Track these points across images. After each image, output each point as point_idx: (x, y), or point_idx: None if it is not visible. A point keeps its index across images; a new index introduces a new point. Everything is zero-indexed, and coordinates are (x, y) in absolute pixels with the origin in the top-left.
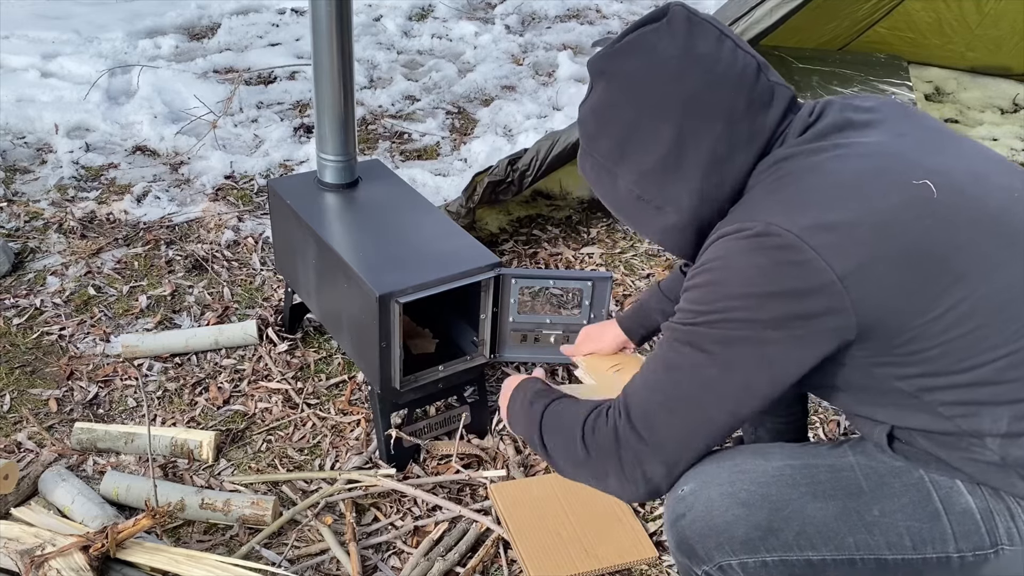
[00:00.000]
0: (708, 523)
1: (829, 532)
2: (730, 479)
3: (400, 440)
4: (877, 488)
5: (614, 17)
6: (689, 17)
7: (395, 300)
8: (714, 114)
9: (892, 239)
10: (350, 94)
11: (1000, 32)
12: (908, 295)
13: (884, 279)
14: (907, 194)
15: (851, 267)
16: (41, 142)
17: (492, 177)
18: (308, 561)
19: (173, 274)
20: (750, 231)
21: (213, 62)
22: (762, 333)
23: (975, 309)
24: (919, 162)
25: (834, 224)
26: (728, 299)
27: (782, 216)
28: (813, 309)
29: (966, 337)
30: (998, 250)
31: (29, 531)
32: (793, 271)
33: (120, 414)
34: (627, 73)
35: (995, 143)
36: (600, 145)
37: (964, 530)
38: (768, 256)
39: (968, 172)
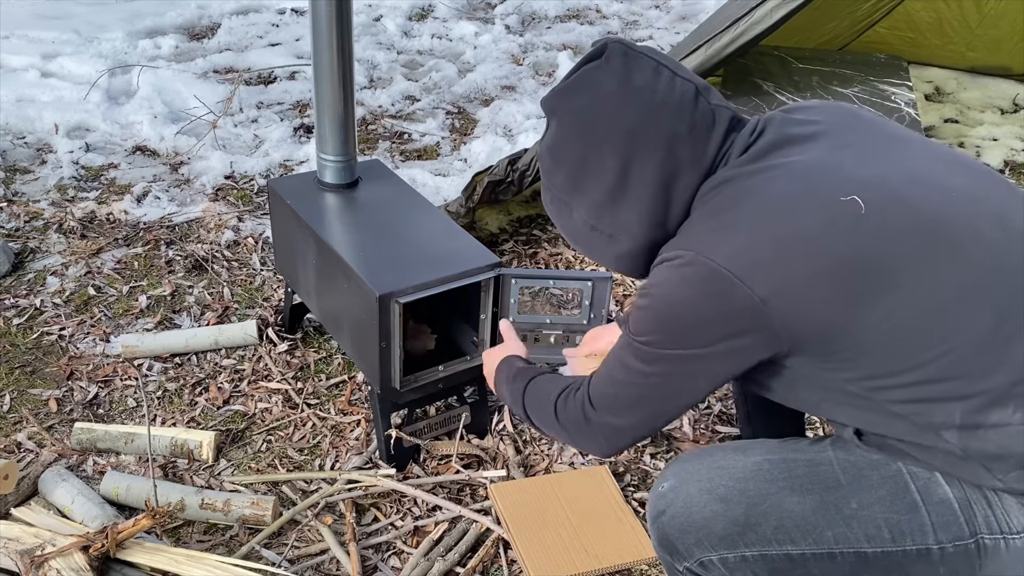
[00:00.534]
0: (687, 519)
1: (807, 526)
2: (709, 475)
3: (400, 440)
4: (855, 481)
5: (614, 17)
6: (625, 52)
7: (395, 300)
8: (655, 142)
9: (816, 258)
10: (350, 94)
11: (1000, 32)
12: (837, 307)
13: (809, 295)
14: (834, 212)
15: (773, 289)
16: (41, 142)
17: (492, 177)
18: (308, 561)
19: (173, 274)
20: (681, 260)
21: (213, 62)
22: (695, 351)
23: (910, 313)
24: (852, 175)
25: (758, 248)
26: (664, 326)
27: (710, 245)
28: (739, 330)
29: (905, 340)
30: (931, 253)
31: (29, 531)
32: (718, 298)
33: (120, 414)
34: (573, 110)
35: (995, 143)
36: (556, 180)
37: (943, 521)
38: (695, 287)
39: (907, 178)
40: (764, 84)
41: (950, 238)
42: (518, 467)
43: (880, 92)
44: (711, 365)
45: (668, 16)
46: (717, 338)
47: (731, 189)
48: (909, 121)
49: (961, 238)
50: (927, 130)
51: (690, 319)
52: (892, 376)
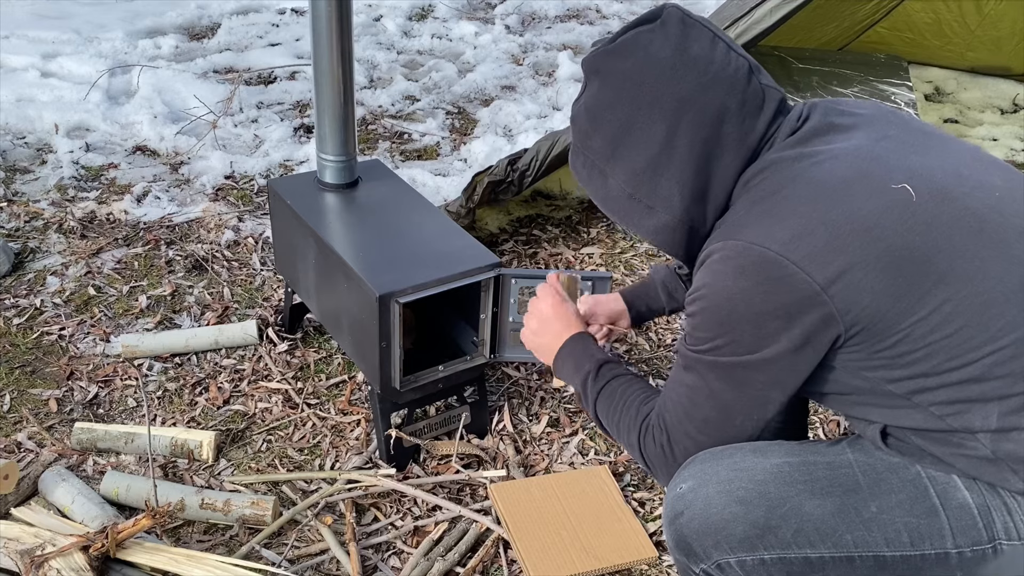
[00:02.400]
0: (706, 521)
1: (827, 529)
2: (728, 477)
3: (400, 440)
4: (875, 484)
5: (614, 17)
6: (683, 19)
7: (395, 300)
8: (706, 115)
9: (872, 244)
10: (350, 94)
11: (1000, 33)
12: (891, 298)
13: (866, 284)
14: (886, 198)
15: (832, 275)
16: (41, 142)
17: (492, 177)
18: (308, 561)
19: (173, 274)
20: (731, 252)
21: (213, 62)
22: (761, 353)
23: (959, 309)
24: (900, 164)
25: (812, 234)
26: (726, 326)
27: (762, 232)
28: (802, 320)
29: (952, 337)
30: (980, 249)
31: (29, 531)
32: (776, 287)
33: (120, 414)
34: (621, 72)
35: (995, 143)
36: (593, 143)
37: (961, 525)
38: (751, 278)
39: (951, 172)
40: None
41: (998, 235)
42: (518, 467)
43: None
44: (786, 363)
45: None
46: (778, 331)
47: (778, 173)
48: None
49: (1007, 236)
50: None
51: (751, 313)
52: (937, 375)
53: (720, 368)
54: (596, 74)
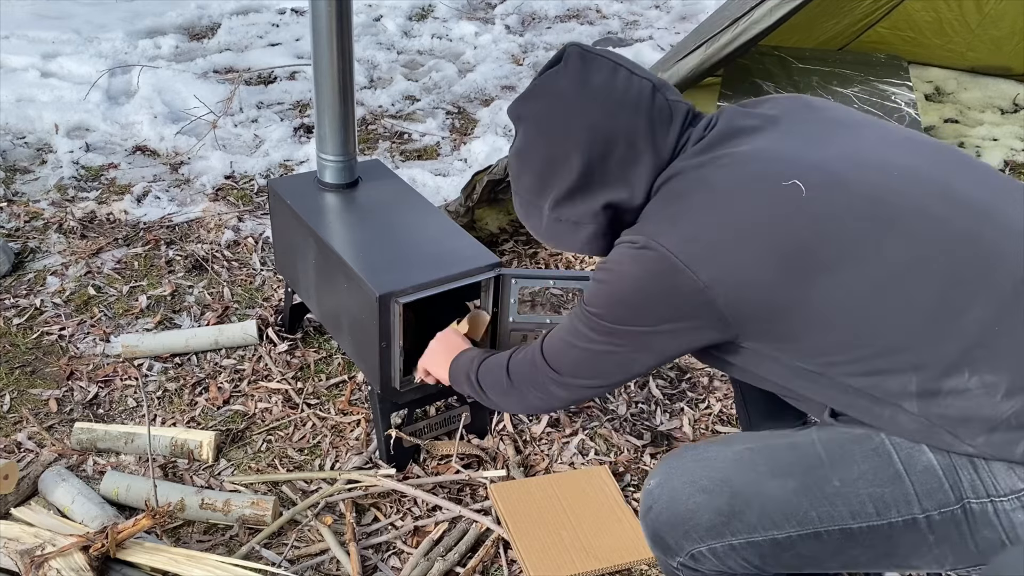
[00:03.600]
0: (673, 512)
1: (790, 509)
2: (691, 468)
3: (400, 440)
4: (836, 459)
5: (614, 17)
6: (582, 55)
7: (395, 300)
8: (615, 138)
9: (758, 242)
10: (350, 94)
11: (1000, 32)
12: (780, 290)
13: (752, 280)
14: (775, 197)
15: (716, 274)
16: (41, 142)
17: (491, 176)
18: (308, 561)
19: (173, 274)
20: (636, 244)
21: (213, 62)
22: (641, 329)
23: (854, 291)
24: (795, 159)
25: (702, 235)
26: (615, 302)
27: (661, 231)
28: (683, 312)
29: (851, 316)
30: (874, 231)
31: (29, 531)
32: (664, 281)
33: (120, 414)
34: (536, 114)
35: (995, 143)
36: (524, 182)
37: (927, 488)
38: (644, 269)
39: (850, 160)
40: (764, 84)
41: (890, 215)
42: (518, 467)
43: (880, 92)
44: (656, 342)
45: (668, 16)
46: (661, 319)
47: (683, 179)
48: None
49: (902, 214)
50: (927, 130)
51: (637, 299)
52: (840, 353)
53: (599, 329)
54: (518, 120)
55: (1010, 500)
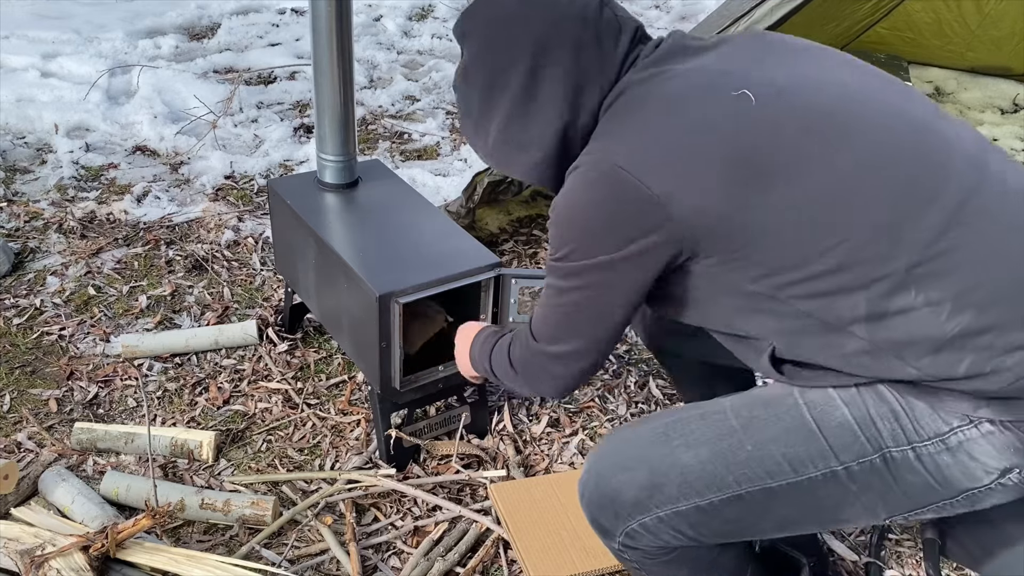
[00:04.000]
0: (602, 495)
1: (707, 476)
2: (613, 449)
3: (400, 440)
4: (747, 425)
5: None
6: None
7: (395, 300)
8: (562, 50)
9: (708, 152)
10: (350, 94)
11: (1000, 32)
12: (731, 200)
13: (703, 189)
14: (724, 107)
15: (668, 184)
16: (41, 142)
17: (492, 177)
18: (308, 561)
19: (173, 274)
20: (585, 166)
21: (213, 62)
22: (603, 259)
23: (804, 202)
24: (744, 74)
25: (651, 147)
26: (572, 234)
27: (610, 147)
28: (642, 229)
29: (802, 229)
30: (822, 144)
31: (29, 531)
32: (618, 197)
33: (120, 414)
34: (479, 28)
35: (995, 143)
36: (471, 104)
37: (842, 443)
38: (597, 189)
39: (798, 76)
40: None
41: (840, 129)
42: (518, 467)
43: None
44: (625, 271)
45: (668, 16)
46: (623, 240)
47: (631, 94)
48: None
49: (852, 128)
50: None
51: (595, 222)
52: (793, 270)
53: (565, 272)
54: (463, 38)
55: (934, 444)
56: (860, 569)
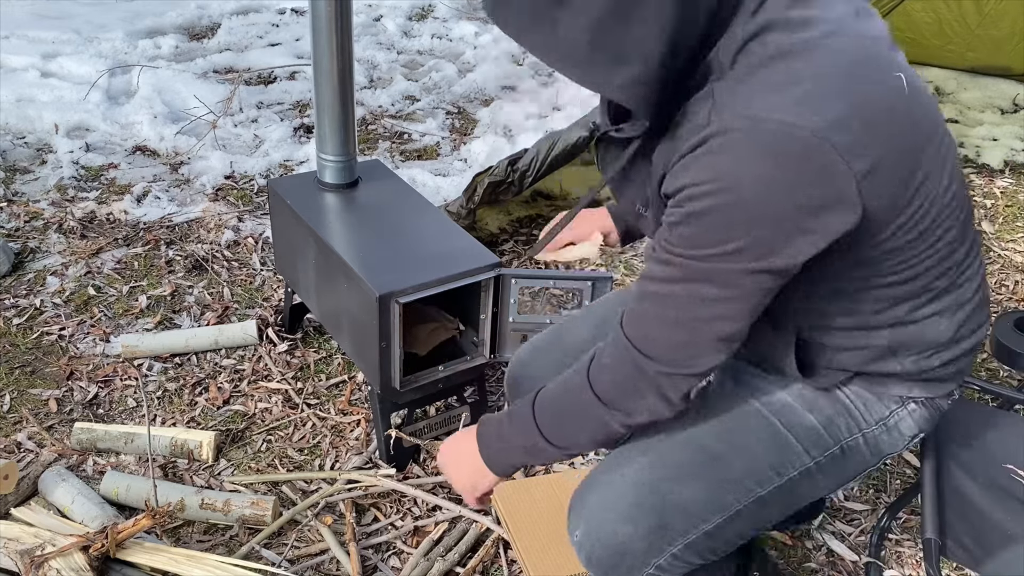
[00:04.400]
0: (610, 553)
1: (710, 503)
2: (604, 504)
3: (400, 440)
4: (729, 446)
5: None
6: None
7: (395, 300)
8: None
9: (891, 135)
10: (350, 94)
11: (1000, 33)
12: (895, 196)
13: (886, 178)
14: (892, 87)
15: (867, 167)
16: (41, 142)
17: (492, 177)
18: (308, 561)
19: (173, 274)
20: (754, 133)
21: (213, 62)
22: (780, 256)
23: (927, 211)
24: (882, 48)
25: (850, 118)
26: (741, 227)
27: (789, 108)
28: (832, 217)
29: (915, 238)
30: (934, 153)
31: (29, 531)
32: (815, 179)
33: (120, 414)
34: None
35: (995, 143)
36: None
37: (811, 441)
38: (785, 166)
39: (904, 66)
40: None
41: (937, 140)
42: None
43: None
44: (778, 269)
45: None
46: (811, 229)
47: (781, 40)
48: None
49: (936, 133)
50: None
51: (780, 208)
52: (887, 275)
53: (724, 274)
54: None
55: (878, 427)
56: (860, 569)
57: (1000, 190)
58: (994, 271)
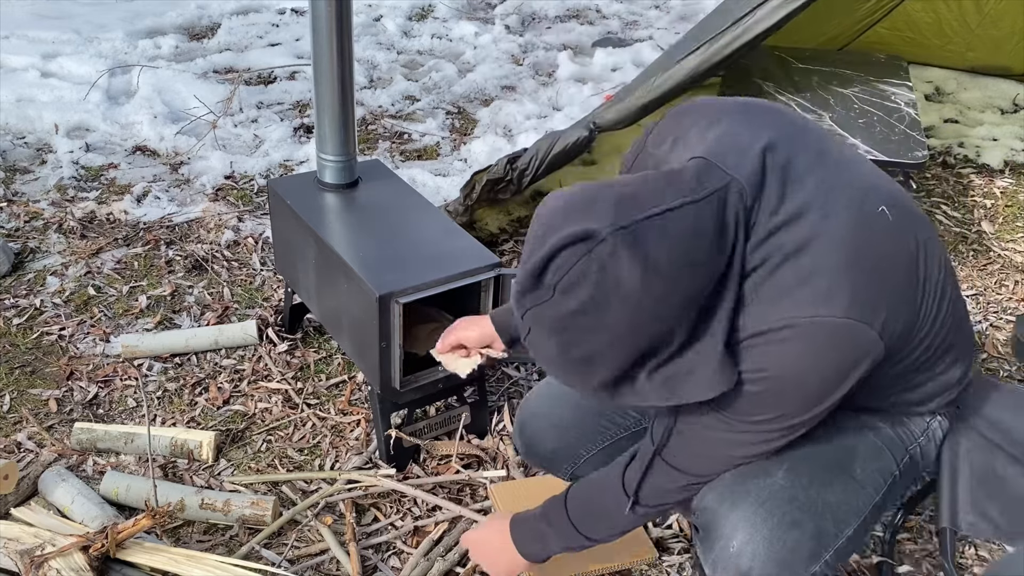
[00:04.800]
0: (776, 560)
1: (849, 507)
2: (761, 511)
3: (400, 440)
4: (847, 455)
5: (614, 17)
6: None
7: (395, 300)
8: (701, 284)
9: (893, 279)
10: (350, 94)
11: (1000, 32)
12: (909, 320)
13: (899, 315)
14: (881, 229)
15: (883, 320)
16: (41, 142)
17: (491, 175)
18: (308, 561)
19: (173, 274)
20: (799, 332)
21: (213, 62)
22: (816, 409)
23: (932, 304)
24: (866, 198)
25: (860, 288)
26: (787, 403)
27: (817, 301)
28: (861, 367)
29: (926, 336)
30: (917, 244)
31: (29, 531)
32: (850, 352)
33: (120, 414)
34: (617, 316)
35: (995, 143)
36: (600, 373)
37: (893, 449)
38: (827, 354)
39: (871, 174)
40: (764, 84)
41: (922, 226)
42: (518, 467)
43: (880, 92)
44: (833, 405)
45: (668, 16)
46: (845, 385)
47: (783, 250)
48: (909, 121)
49: (924, 223)
50: (927, 130)
51: (821, 385)
52: (914, 363)
53: (766, 432)
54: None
55: (923, 437)
56: (864, 569)
57: (1000, 190)
58: (994, 271)
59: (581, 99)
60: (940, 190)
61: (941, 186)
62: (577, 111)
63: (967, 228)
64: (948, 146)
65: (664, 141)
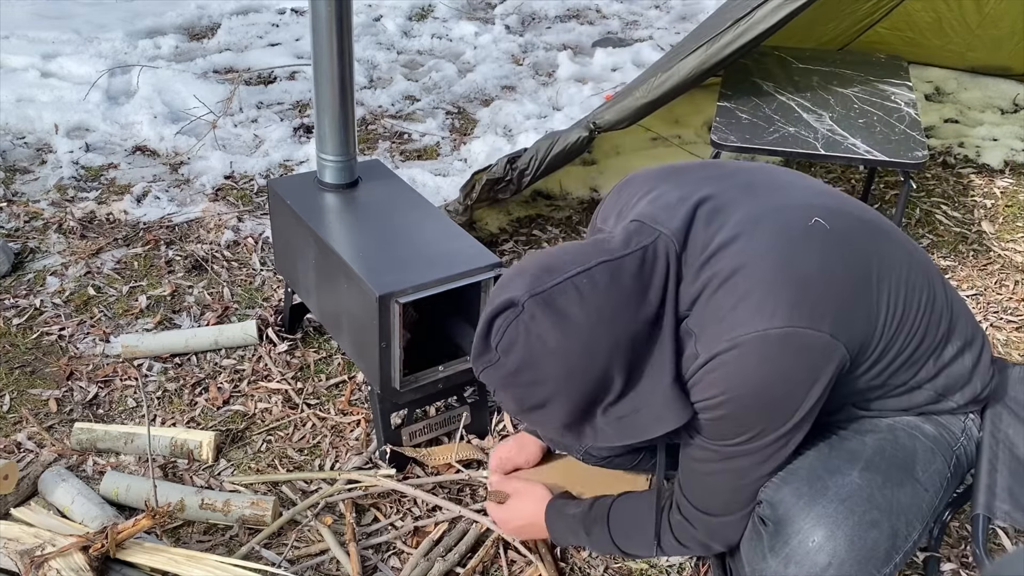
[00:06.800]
0: (857, 557)
1: (915, 508)
2: (843, 509)
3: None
4: (908, 456)
5: (614, 17)
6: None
7: (395, 300)
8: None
9: (836, 281)
10: (350, 94)
11: (1000, 32)
12: (866, 317)
13: (852, 314)
14: (816, 239)
15: (831, 321)
16: (41, 142)
17: (491, 175)
18: (308, 561)
19: (173, 274)
20: (741, 350)
21: (213, 62)
22: (795, 418)
23: (897, 300)
24: (795, 215)
25: (799, 295)
26: (756, 417)
27: (753, 318)
28: (825, 371)
29: (899, 321)
30: (879, 244)
31: (29, 531)
32: (798, 358)
33: (120, 414)
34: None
35: (995, 143)
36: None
37: (942, 451)
38: (772, 363)
39: (823, 193)
40: (764, 84)
41: (877, 230)
42: None
43: (880, 92)
44: (814, 409)
45: (668, 16)
46: (815, 391)
47: (720, 274)
48: (909, 121)
49: (879, 227)
50: (927, 130)
51: (781, 393)
52: (893, 358)
53: (755, 452)
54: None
55: (963, 436)
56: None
57: (1000, 190)
58: (994, 271)
59: (581, 99)
60: (940, 190)
61: (941, 186)
62: (577, 111)
63: (967, 228)
64: (948, 146)
65: (610, 216)
